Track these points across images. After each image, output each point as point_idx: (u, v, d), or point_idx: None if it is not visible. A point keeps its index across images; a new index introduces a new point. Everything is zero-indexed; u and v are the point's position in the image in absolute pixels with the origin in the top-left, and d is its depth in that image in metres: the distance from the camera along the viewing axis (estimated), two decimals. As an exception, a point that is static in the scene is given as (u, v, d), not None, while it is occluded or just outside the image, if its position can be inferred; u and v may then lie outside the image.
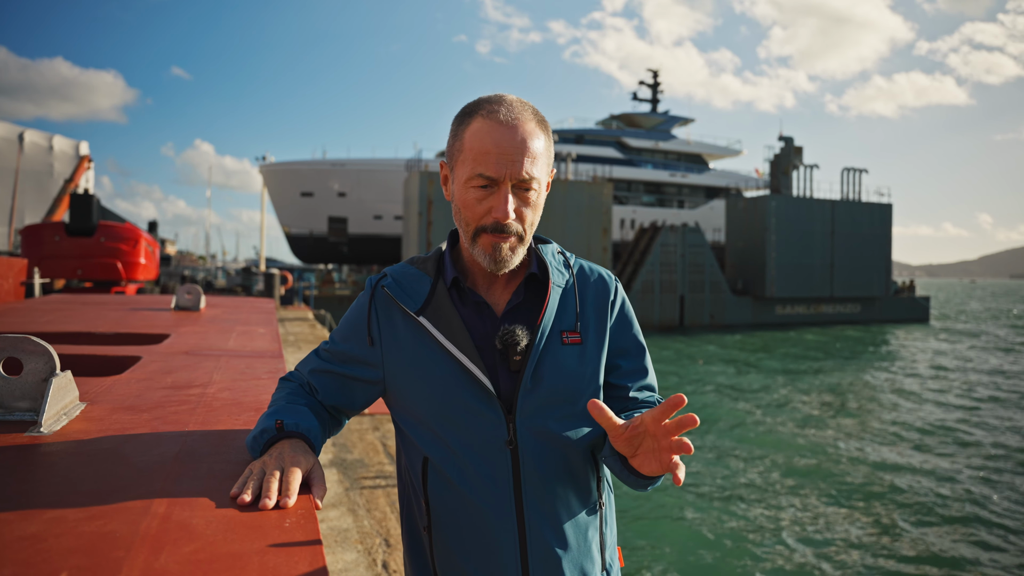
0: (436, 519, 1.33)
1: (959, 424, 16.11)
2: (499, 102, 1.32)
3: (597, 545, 1.37)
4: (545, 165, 1.35)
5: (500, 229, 1.30)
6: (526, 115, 1.32)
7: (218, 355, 2.73)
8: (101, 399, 1.75)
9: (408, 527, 1.43)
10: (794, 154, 46.13)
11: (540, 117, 1.36)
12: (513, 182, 1.30)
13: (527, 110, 1.33)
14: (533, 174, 1.30)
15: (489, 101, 1.33)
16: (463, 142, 1.33)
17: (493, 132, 1.29)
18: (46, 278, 12.99)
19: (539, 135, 1.33)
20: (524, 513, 1.29)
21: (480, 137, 1.30)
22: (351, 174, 53.81)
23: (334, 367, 1.41)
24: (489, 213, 1.30)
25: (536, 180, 1.32)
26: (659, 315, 39.67)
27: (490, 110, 1.31)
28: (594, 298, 1.43)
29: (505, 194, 1.29)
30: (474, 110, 1.33)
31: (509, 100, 1.34)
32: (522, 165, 1.29)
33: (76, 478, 1.11)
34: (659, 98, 67.00)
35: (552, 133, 1.41)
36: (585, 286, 1.44)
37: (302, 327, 15.91)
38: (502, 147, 1.28)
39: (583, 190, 38.42)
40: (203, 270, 57.35)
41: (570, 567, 1.31)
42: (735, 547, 8.74)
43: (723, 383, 21.83)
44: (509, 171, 1.28)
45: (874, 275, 45.89)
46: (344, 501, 4.38)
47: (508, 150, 1.28)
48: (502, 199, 1.29)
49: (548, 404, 1.32)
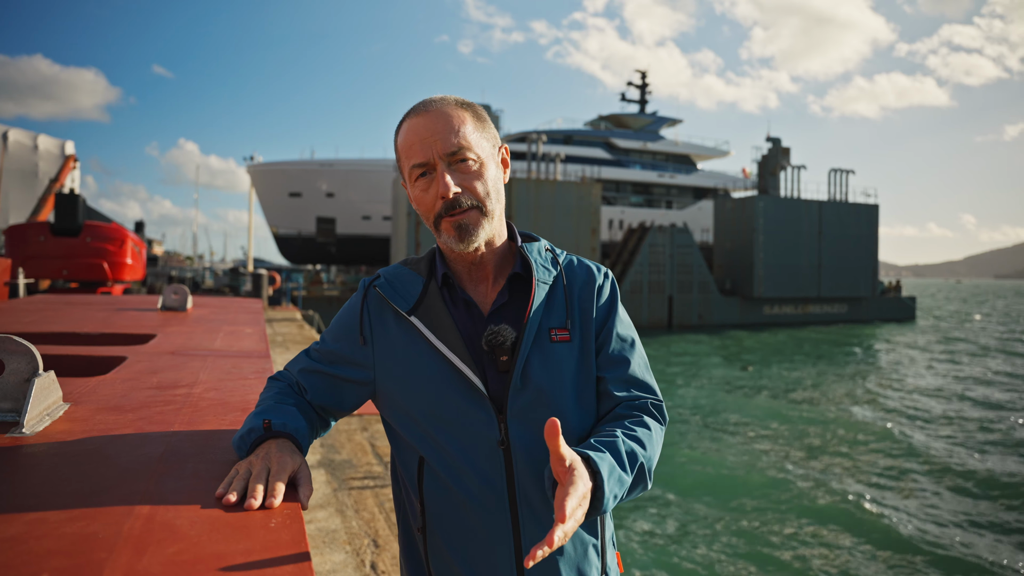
0: (430, 520, 1.33)
1: (936, 421, 16.25)
2: (421, 102, 1.37)
3: (594, 549, 1.35)
4: (479, 138, 1.36)
5: (452, 206, 1.32)
6: (444, 102, 1.36)
7: (205, 355, 2.71)
8: (85, 399, 1.72)
9: (403, 528, 1.43)
10: (781, 155, 46.40)
11: (464, 101, 1.39)
12: (445, 160, 1.32)
13: (447, 98, 1.37)
14: (462, 144, 1.32)
15: (415, 106, 1.38)
16: (398, 150, 1.39)
17: (413, 125, 1.34)
18: (31, 278, 12.89)
19: (460, 113, 1.35)
20: (518, 514, 1.28)
21: (406, 136, 1.36)
22: (339, 174, 53.69)
23: (324, 367, 1.40)
24: (437, 198, 1.32)
25: (469, 151, 1.33)
26: (648, 315, 39.79)
27: (413, 112, 1.37)
28: (582, 293, 1.42)
29: (441, 172, 1.31)
30: (403, 119, 1.39)
31: (431, 98, 1.38)
32: (446, 140, 1.31)
33: (58, 479, 1.09)
34: (647, 99, 67.21)
35: (541, 134, 1.42)
36: (574, 281, 1.43)
37: (290, 328, 15.85)
38: (422, 133, 1.32)
39: (572, 191, 38.46)
40: (191, 270, 57.02)
41: (567, 570, 1.30)
42: (737, 553, 8.76)
43: (716, 383, 21.91)
44: (435, 150, 1.31)
45: (861, 275, 46.20)
46: (332, 502, 4.36)
47: (427, 134, 1.32)
48: (440, 177, 1.31)
49: (539, 403, 1.30)
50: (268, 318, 17.33)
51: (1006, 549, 8.88)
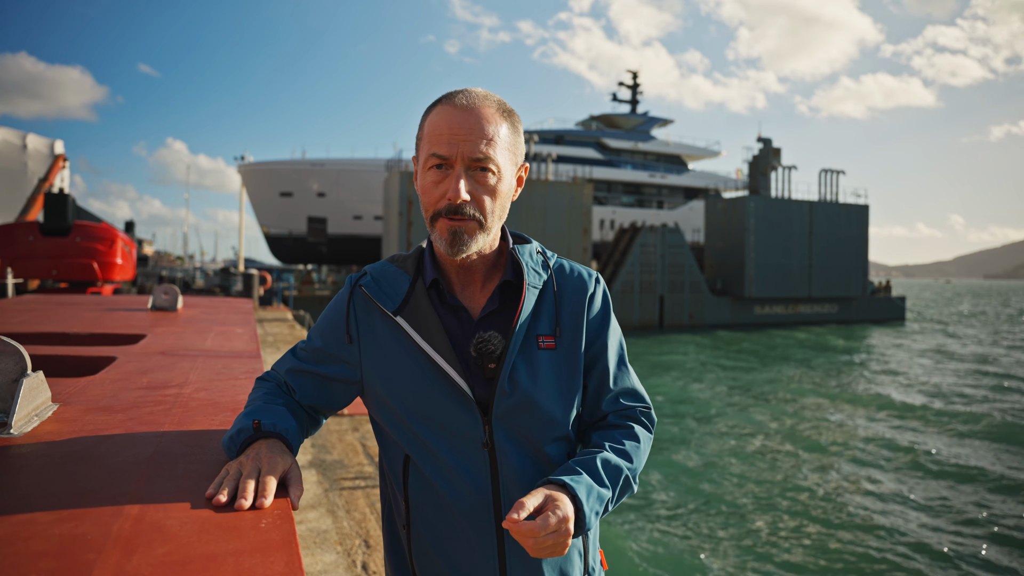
0: (415, 518, 1.33)
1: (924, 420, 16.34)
2: (461, 91, 1.33)
3: (578, 548, 1.36)
4: (507, 152, 1.32)
5: (454, 211, 1.28)
6: (487, 102, 1.31)
7: (195, 355, 2.70)
8: (74, 400, 1.72)
9: (388, 526, 1.43)
10: (772, 155, 46.54)
11: (506, 107, 1.35)
12: (466, 163, 1.28)
13: (490, 98, 1.33)
14: (489, 155, 1.28)
15: (453, 91, 1.34)
16: (423, 130, 1.34)
17: (448, 115, 1.29)
18: (20, 278, 12.80)
19: (499, 121, 1.31)
20: (502, 514, 1.29)
21: (436, 121, 1.30)
22: (330, 174, 53.51)
23: (311, 367, 1.40)
24: (444, 196, 1.29)
25: (493, 163, 1.29)
26: (639, 315, 39.85)
27: (450, 97, 1.32)
28: (572, 299, 1.41)
29: (458, 174, 1.27)
30: (437, 101, 1.34)
31: (472, 90, 1.34)
32: (476, 145, 1.27)
33: (47, 480, 1.09)
34: (638, 99, 67.30)
35: (532, 134, 1.40)
36: (564, 286, 1.42)
37: (281, 328, 15.80)
38: (454, 127, 1.27)
39: (563, 191, 38.45)
40: (181, 271, 56.76)
41: (550, 570, 1.31)
42: (718, 548, 8.80)
43: (706, 383, 21.97)
44: (461, 150, 1.27)
45: (851, 275, 46.37)
46: (323, 502, 4.35)
47: (460, 130, 1.27)
48: (455, 179, 1.27)
49: (523, 409, 1.30)
50: (259, 318, 17.27)
51: (1004, 548, 8.94)
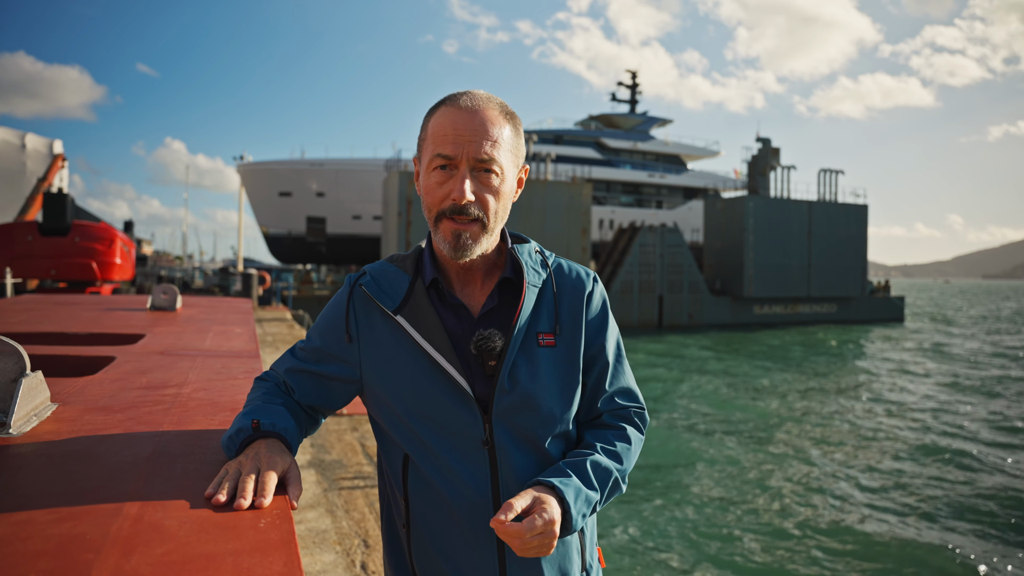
0: (415, 517, 1.33)
1: (924, 420, 16.35)
2: (465, 93, 1.34)
3: (576, 546, 1.37)
4: (510, 154, 1.34)
5: (459, 211, 1.29)
6: (490, 104, 1.33)
7: (194, 355, 2.69)
8: (73, 400, 1.72)
9: (387, 525, 1.43)
10: (771, 155, 46.54)
11: (508, 110, 1.36)
12: (471, 164, 1.29)
13: (493, 101, 1.35)
14: (493, 156, 1.30)
15: (456, 93, 1.36)
16: (427, 131, 1.35)
17: (453, 116, 1.31)
18: (19, 278, 12.80)
19: (502, 123, 1.33)
20: None
21: (441, 122, 1.32)
22: (329, 174, 53.47)
23: (310, 366, 1.40)
24: (448, 196, 1.30)
25: (497, 164, 1.31)
26: (638, 315, 39.85)
27: (454, 99, 1.33)
28: (571, 297, 1.42)
29: (463, 175, 1.29)
30: (441, 102, 1.35)
31: (475, 92, 1.35)
32: (480, 146, 1.28)
33: (45, 480, 1.09)
34: (637, 99, 67.28)
35: (531, 134, 1.41)
36: (563, 285, 1.43)
37: (280, 327, 15.80)
38: (459, 128, 1.29)
39: (562, 190, 38.44)
40: (180, 270, 56.74)
41: (549, 568, 1.31)
42: (716, 546, 8.80)
43: (705, 383, 21.97)
44: (466, 151, 1.28)
45: (850, 275, 46.38)
46: (322, 502, 4.35)
47: (465, 131, 1.29)
48: (459, 180, 1.29)
49: (523, 406, 1.31)
50: (258, 318, 17.26)
51: (1005, 548, 8.94)
